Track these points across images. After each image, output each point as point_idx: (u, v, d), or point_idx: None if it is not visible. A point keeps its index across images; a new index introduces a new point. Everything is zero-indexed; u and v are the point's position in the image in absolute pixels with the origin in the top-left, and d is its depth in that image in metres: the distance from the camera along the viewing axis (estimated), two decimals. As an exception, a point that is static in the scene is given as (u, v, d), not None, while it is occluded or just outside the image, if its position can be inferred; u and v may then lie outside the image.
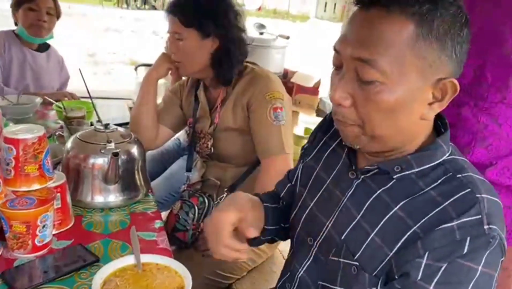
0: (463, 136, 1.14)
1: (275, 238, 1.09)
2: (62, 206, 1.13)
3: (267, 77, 1.55)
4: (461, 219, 0.70)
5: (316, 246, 0.91)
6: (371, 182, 0.83)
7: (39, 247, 1.03)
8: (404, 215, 0.76)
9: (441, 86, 0.74)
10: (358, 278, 0.80)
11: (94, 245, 1.09)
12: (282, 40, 3.28)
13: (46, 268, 0.99)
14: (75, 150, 1.27)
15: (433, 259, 0.71)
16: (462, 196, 0.73)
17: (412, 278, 0.72)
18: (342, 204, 0.86)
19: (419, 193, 0.76)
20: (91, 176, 1.24)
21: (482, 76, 1.08)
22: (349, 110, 0.76)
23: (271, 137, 1.47)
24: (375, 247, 0.78)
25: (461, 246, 0.69)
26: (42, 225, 1.02)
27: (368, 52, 0.71)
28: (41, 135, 1.05)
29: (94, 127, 1.31)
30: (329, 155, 0.96)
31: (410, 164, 0.78)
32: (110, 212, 1.26)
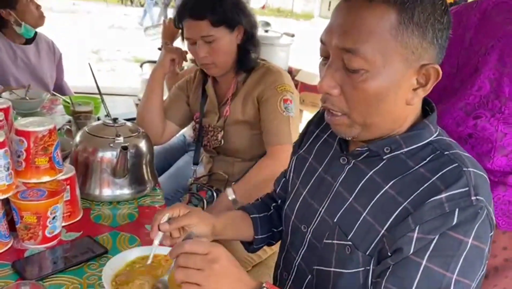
0: (482, 145, 1.13)
1: (271, 242, 1.13)
2: (71, 199, 1.14)
3: (278, 71, 1.59)
4: (449, 192, 0.73)
5: (310, 233, 0.93)
6: (362, 165, 0.86)
7: (49, 238, 1.04)
8: (394, 193, 0.79)
9: (424, 72, 0.76)
10: (352, 258, 0.82)
11: (102, 237, 1.11)
12: (287, 38, 3.29)
13: (56, 259, 1.01)
14: (84, 143, 1.28)
15: (423, 232, 0.73)
16: (449, 170, 0.75)
17: (405, 253, 0.74)
18: (334, 189, 0.89)
19: (408, 172, 0.79)
20: (99, 170, 1.26)
21: (499, 89, 1.08)
22: (337, 98, 0.79)
23: (281, 126, 1.49)
24: (367, 226, 0.80)
25: (451, 218, 0.72)
26: (52, 217, 1.03)
27: (352, 41, 0.74)
28: (51, 128, 1.06)
29: (103, 121, 1.33)
30: (320, 145, 0.99)
31: (399, 144, 0.81)
32: (118, 205, 1.27)
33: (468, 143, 1.15)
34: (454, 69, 1.19)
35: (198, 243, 0.73)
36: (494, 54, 1.09)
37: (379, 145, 0.82)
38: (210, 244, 0.74)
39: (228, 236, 1.08)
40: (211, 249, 0.72)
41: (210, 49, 1.51)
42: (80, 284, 0.93)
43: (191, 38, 1.53)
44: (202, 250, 0.72)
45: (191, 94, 1.75)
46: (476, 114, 1.13)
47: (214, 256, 0.71)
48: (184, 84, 1.79)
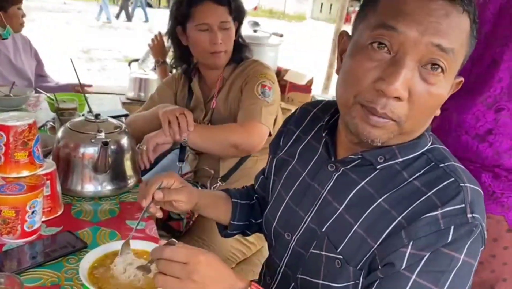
0: (503, 142, 1.12)
1: (247, 232, 1.13)
2: (52, 194, 1.14)
3: (262, 64, 1.64)
4: (446, 208, 0.71)
5: (294, 241, 0.91)
6: (352, 174, 0.82)
7: (28, 232, 1.04)
8: (388, 207, 0.76)
9: (452, 83, 0.75)
10: (342, 272, 0.79)
11: (83, 232, 1.11)
12: (275, 38, 3.30)
13: (35, 253, 1.01)
14: (66, 139, 1.28)
15: (417, 248, 0.71)
16: (446, 185, 0.73)
17: (396, 268, 0.72)
18: (321, 197, 0.86)
19: (403, 184, 0.76)
20: (81, 165, 1.26)
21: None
22: (402, 104, 0.70)
23: (253, 106, 1.51)
24: (359, 240, 0.78)
25: (446, 235, 0.70)
26: (31, 211, 1.03)
27: (449, 40, 0.68)
28: (31, 122, 1.06)
29: (85, 117, 1.33)
30: (303, 149, 0.96)
31: (394, 153, 0.78)
32: (99, 201, 1.27)
33: (487, 141, 1.13)
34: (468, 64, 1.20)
35: (177, 251, 0.71)
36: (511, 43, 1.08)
37: (373, 154, 0.79)
38: (189, 252, 0.71)
39: (207, 214, 1.09)
40: (190, 258, 0.70)
41: (225, 36, 1.55)
42: (58, 278, 0.93)
43: (208, 23, 1.53)
44: (181, 258, 0.70)
45: (179, 91, 1.76)
46: (498, 107, 1.10)
47: (193, 266, 0.69)
48: (171, 80, 1.80)
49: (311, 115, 1.00)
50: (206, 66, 1.65)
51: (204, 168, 1.68)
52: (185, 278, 0.69)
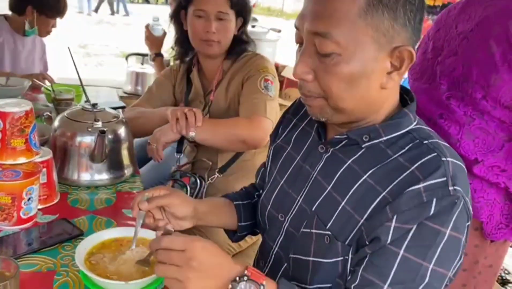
0: (451, 126, 1.15)
1: (256, 230, 1.13)
2: (48, 182, 1.14)
3: (263, 58, 1.64)
4: (428, 182, 0.73)
5: (287, 222, 0.92)
6: (340, 154, 0.86)
7: (24, 219, 1.04)
8: (373, 182, 0.78)
9: (398, 55, 0.76)
10: (331, 248, 0.81)
11: (79, 220, 1.11)
12: (273, 33, 3.30)
13: (31, 240, 1.01)
14: (63, 128, 1.28)
15: (401, 222, 0.73)
16: (428, 160, 0.76)
17: (382, 242, 0.74)
18: (312, 177, 0.89)
19: (387, 160, 0.79)
20: (77, 154, 1.26)
21: (468, 72, 1.10)
22: (312, 84, 0.79)
23: (257, 100, 1.50)
24: (346, 215, 0.80)
25: (428, 208, 0.72)
26: (28, 198, 1.03)
27: (323, 26, 0.74)
28: (28, 109, 1.05)
29: (82, 107, 1.32)
30: (298, 134, 0.99)
31: (378, 132, 0.81)
32: (96, 190, 1.27)
33: (437, 124, 1.16)
34: (439, 51, 1.21)
35: (174, 240, 0.72)
36: (472, 39, 1.11)
37: (358, 133, 0.82)
38: (187, 240, 0.72)
39: (211, 222, 1.08)
40: (187, 245, 0.71)
41: (220, 27, 1.55)
42: (54, 264, 0.94)
43: (205, 10, 1.54)
44: (178, 246, 0.71)
45: (177, 84, 1.76)
46: (449, 95, 1.14)
47: (190, 253, 0.70)
48: (169, 72, 1.80)
49: None
50: (201, 54, 1.66)
51: (202, 159, 1.68)
52: (184, 265, 0.70)
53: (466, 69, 1.11)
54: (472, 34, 1.12)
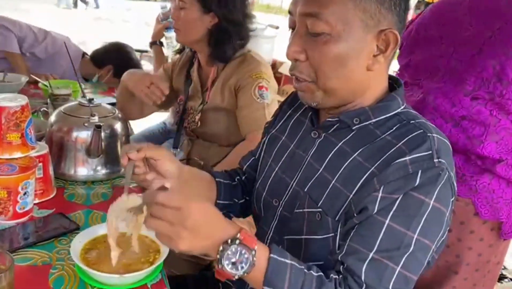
0: (475, 128, 1.15)
1: (229, 214, 1.12)
2: (44, 176, 1.14)
3: (256, 60, 1.60)
4: (413, 155, 0.77)
5: (281, 206, 0.95)
6: (332, 138, 0.89)
7: (20, 214, 1.04)
8: (362, 160, 0.82)
9: (384, 37, 0.81)
10: (322, 223, 0.84)
11: (75, 215, 1.11)
12: (271, 30, 3.30)
13: (27, 234, 1.01)
14: (59, 123, 1.28)
15: (387, 192, 0.76)
16: (414, 135, 0.79)
17: (369, 212, 0.77)
18: (306, 161, 0.92)
19: (376, 140, 0.83)
20: (74, 149, 1.26)
21: (502, 72, 1.10)
22: (304, 64, 0.84)
23: (256, 113, 1.50)
24: (336, 192, 0.83)
25: (413, 178, 0.75)
26: (23, 192, 1.03)
27: (315, 7, 0.80)
28: (24, 104, 1.06)
29: (79, 102, 1.33)
30: (293, 124, 1.02)
31: (368, 115, 0.85)
32: (92, 185, 1.27)
33: (460, 125, 1.16)
34: (450, 48, 1.20)
35: (170, 197, 0.72)
36: (500, 37, 1.10)
37: (349, 116, 0.86)
38: (183, 198, 0.71)
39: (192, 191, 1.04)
40: (183, 204, 0.70)
41: (177, 15, 1.57)
42: (50, 258, 0.94)
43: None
44: (174, 204, 0.71)
45: (175, 76, 1.77)
46: (475, 95, 1.13)
47: (186, 212, 0.70)
48: (169, 66, 1.83)
49: None
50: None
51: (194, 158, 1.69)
52: (177, 224, 0.70)
53: (500, 70, 1.10)
54: (500, 32, 1.11)
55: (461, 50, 1.18)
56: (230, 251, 0.70)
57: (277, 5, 20.49)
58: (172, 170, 0.96)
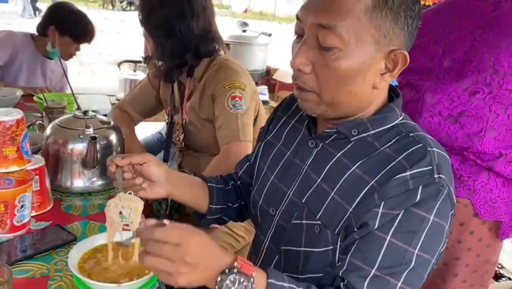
0: (473, 124, 1.16)
1: (224, 218, 1.12)
2: (41, 189, 1.15)
3: (230, 68, 1.57)
4: (414, 170, 0.76)
5: (278, 215, 0.95)
6: (330, 148, 0.88)
7: (17, 227, 1.05)
8: (361, 173, 0.81)
9: (393, 57, 0.79)
10: (321, 237, 0.84)
11: (72, 226, 1.12)
12: (264, 37, 3.32)
13: (25, 247, 1.02)
14: (55, 136, 1.29)
15: (388, 208, 0.76)
16: (414, 150, 0.79)
17: (370, 228, 0.76)
18: (303, 171, 0.91)
19: (375, 152, 0.82)
20: (70, 161, 1.27)
21: (497, 64, 1.11)
22: (309, 76, 0.81)
23: (228, 124, 1.48)
24: (336, 205, 0.83)
25: (414, 194, 0.75)
26: (20, 205, 1.04)
27: (329, 18, 0.76)
28: (19, 118, 1.07)
29: (74, 114, 1.34)
30: (289, 131, 1.01)
31: (366, 126, 0.84)
32: (89, 196, 1.28)
33: (459, 122, 1.17)
34: (439, 49, 1.22)
35: (169, 233, 0.69)
36: (492, 33, 1.13)
37: (347, 127, 0.85)
38: (182, 233, 0.70)
39: (184, 195, 1.04)
40: (183, 240, 0.68)
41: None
42: (48, 269, 0.95)
43: None
44: (173, 240, 0.68)
45: (162, 85, 1.77)
46: (474, 89, 1.14)
47: (186, 248, 0.68)
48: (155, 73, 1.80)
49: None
50: None
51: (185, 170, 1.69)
52: (177, 260, 0.68)
53: (495, 61, 1.12)
54: (491, 27, 1.13)
55: (451, 50, 1.20)
56: (229, 281, 0.69)
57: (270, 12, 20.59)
58: (159, 173, 0.96)
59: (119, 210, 0.90)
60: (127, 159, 0.93)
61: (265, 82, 3.39)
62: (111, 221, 0.92)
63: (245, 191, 1.13)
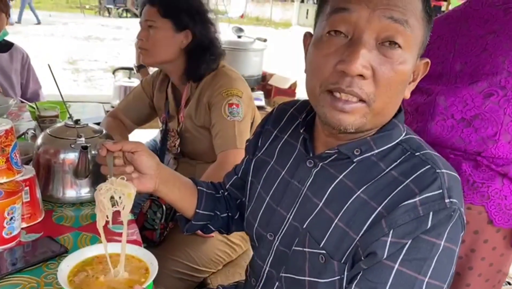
0: (487, 128, 1.13)
1: (210, 227, 1.08)
2: (31, 200, 1.13)
3: (226, 75, 1.56)
4: (423, 195, 0.71)
5: (277, 241, 0.90)
6: (331, 169, 0.83)
7: (7, 239, 1.03)
8: (367, 198, 0.76)
9: (418, 64, 0.77)
10: (326, 267, 0.79)
11: (63, 238, 1.10)
12: (260, 43, 3.31)
13: (15, 260, 0.99)
14: (46, 145, 1.27)
15: (397, 236, 0.71)
16: (422, 172, 0.74)
17: (378, 257, 0.72)
18: (302, 194, 0.86)
19: (380, 175, 0.77)
20: (61, 171, 1.25)
21: (511, 66, 1.10)
22: (367, 82, 0.71)
23: (225, 132, 1.47)
24: (341, 233, 0.77)
25: (425, 221, 0.70)
26: (10, 218, 1.02)
27: (400, 12, 0.69)
28: (8, 128, 1.05)
29: (65, 123, 1.32)
30: (282, 147, 0.95)
31: (369, 145, 0.79)
32: (81, 206, 1.26)
33: (472, 125, 1.15)
34: (450, 54, 1.22)
35: None
36: (504, 36, 1.12)
37: (349, 148, 0.80)
38: None
39: (172, 193, 1.00)
40: None
41: (146, 34, 1.54)
42: (38, 283, 0.93)
43: (141, 22, 1.56)
44: None
45: (155, 92, 1.76)
46: (488, 91, 1.13)
47: None
48: (150, 80, 1.80)
49: (288, 114, 1.00)
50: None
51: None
52: None
53: (509, 63, 1.11)
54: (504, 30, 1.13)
55: (462, 53, 1.19)
56: None
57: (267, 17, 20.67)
58: (150, 164, 0.93)
59: (111, 194, 0.86)
60: (119, 145, 0.90)
61: (261, 87, 3.38)
62: (102, 205, 0.87)
63: (233, 204, 1.10)
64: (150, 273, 0.90)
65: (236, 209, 1.11)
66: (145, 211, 1.57)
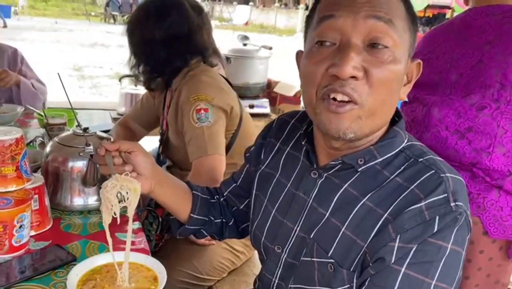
0: (481, 140, 1.14)
1: (203, 232, 1.08)
2: (40, 208, 1.14)
3: (199, 80, 1.53)
4: (429, 199, 0.72)
5: (285, 253, 0.90)
6: (335, 179, 0.83)
7: (16, 247, 1.04)
8: (373, 205, 0.77)
9: (410, 65, 0.78)
10: (336, 276, 0.79)
11: (72, 246, 1.11)
12: (265, 51, 3.33)
13: (24, 268, 1.00)
14: (54, 153, 1.28)
15: (405, 241, 0.72)
16: (427, 177, 0.75)
17: (386, 263, 0.73)
18: (308, 205, 0.86)
19: (385, 182, 0.78)
20: (70, 179, 1.26)
21: (504, 79, 1.10)
22: (359, 83, 0.72)
23: (196, 139, 1.44)
24: (348, 241, 0.78)
25: (431, 225, 0.71)
26: (19, 225, 1.03)
27: (384, 12, 0.72)
28: (18, 137, 1.06)
29: (73, 131, 1.33)
30: (285, 160, 0.96)
31: (373, 154, 0.80)
32: (89, 214, 1.27)
33: (466, 138, 1.15)
34: (447, 64, 1.22)
35: None
36: (499, 47, 1.13)
37: (353, 158, 0.80)
38: None
39: (165, 195, 1.00)
40: None
41: None
42: (46, 291, 0.93)
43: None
44: None
45: (157, 98, 1.77)
46: (481, 104, 1.13)
47: None
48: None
49: (290, 126, 1.00)
50: None
51: None
52: None
53: (502, 76, 1.11)
54: (500, 40, 1.13)
55: (459, 64, 1.20)
56: None
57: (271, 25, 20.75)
58: (146, 165, 0.93)
59: (117, 191, 0.86)
60: (116, 144, 0.91)
61: (266, 95, 3.39)
62: (108, 202, 0.87)
63: (228, 211, 1.10)
64: (159, 282, 0.91)
65: (231, 215, 1.10)
66: (142, 221, 1.57)
